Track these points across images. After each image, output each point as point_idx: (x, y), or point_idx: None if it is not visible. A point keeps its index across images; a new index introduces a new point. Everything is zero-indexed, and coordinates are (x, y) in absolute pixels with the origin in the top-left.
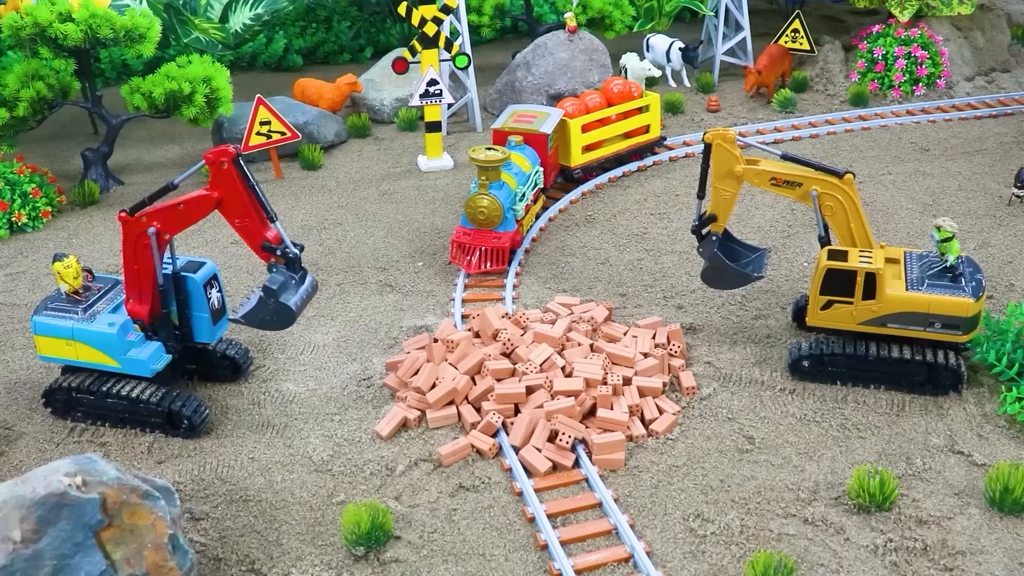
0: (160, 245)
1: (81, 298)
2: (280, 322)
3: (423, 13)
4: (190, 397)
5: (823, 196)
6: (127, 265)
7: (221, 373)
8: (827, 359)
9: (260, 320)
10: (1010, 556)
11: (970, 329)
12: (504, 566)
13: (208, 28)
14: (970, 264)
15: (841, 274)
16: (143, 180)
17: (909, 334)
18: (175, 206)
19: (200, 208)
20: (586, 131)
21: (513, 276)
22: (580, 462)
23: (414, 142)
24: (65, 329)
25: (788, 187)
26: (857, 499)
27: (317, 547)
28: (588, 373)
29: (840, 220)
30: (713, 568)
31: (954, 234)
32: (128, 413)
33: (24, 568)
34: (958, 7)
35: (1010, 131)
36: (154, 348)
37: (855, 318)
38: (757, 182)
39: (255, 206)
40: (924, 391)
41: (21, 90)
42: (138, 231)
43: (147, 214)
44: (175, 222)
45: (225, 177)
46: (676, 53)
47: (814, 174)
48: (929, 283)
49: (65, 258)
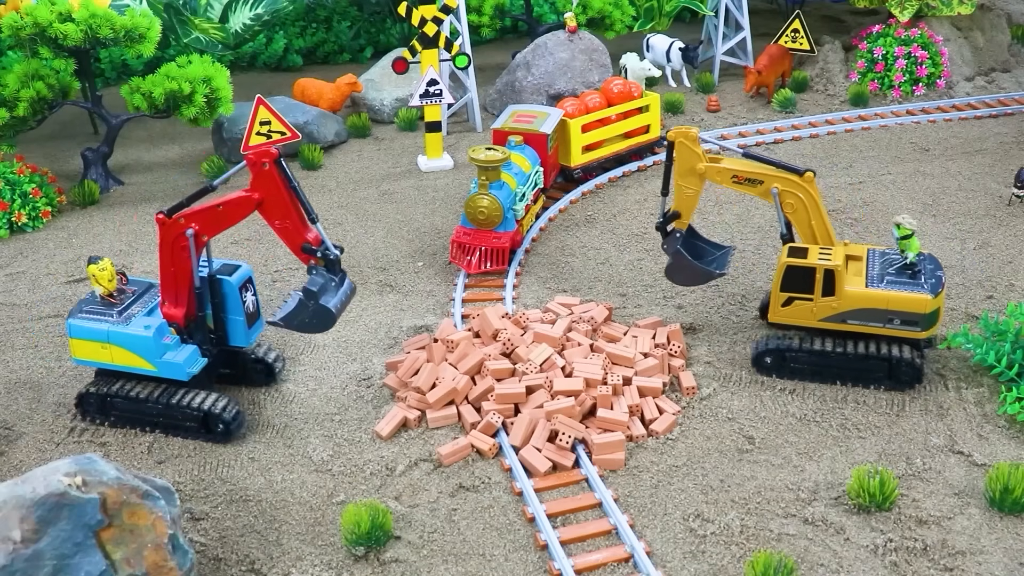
0: (198, 247)
1: (116, 301)
2: (320, 325)
3: (423, 13)
4: (230, 401)
5: (784, 194)
6: (164, 267)
7: (255, 377)
8: (789, 355)
9: (299, 323)
10: (1010, 556)
11: (929, 325)
12: (504, 566)
13: (208, 28)
14: (931, 261)
15: (801, 271)
16: (143, 180)
17: (869, 330)
18: (214, 208)
19: (240, 210)
20: (586, 131)
21: (513, 276)
22: (580, 462)
23: (414, 142)
24: (100, 332)
25: (749, 185)
26: (857, 499)
27: (317, 547)
28: (588, 373)
29: (801, 217)
30: (713, 568)
31: (913, 231)
32: (163, 417)
33: (24, 568)
34: (958, 7)
35: (1010, 131)
36: (190, 351)
37: (815, 315)
38: (719, 180)
39: (296, 207)
40: (885, 387)
41: (21, 90)
42: (176, 233)
43: (185, 215)
44: (214, 224)
45: (267, 178)
46: (676, 53)
47: (775, 172)
48: (889, 280)
49: (100, 260)
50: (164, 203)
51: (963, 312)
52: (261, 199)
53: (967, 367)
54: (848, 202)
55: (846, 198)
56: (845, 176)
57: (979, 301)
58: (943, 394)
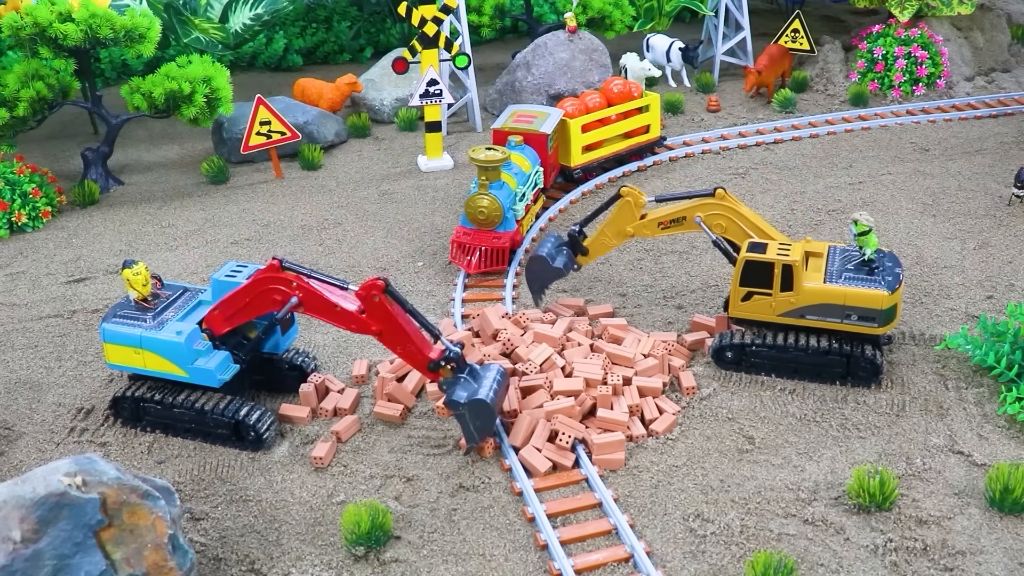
0: (286, 308)
1: (150, 306)
2: (488, 417)
3: (423, 13)
4: (263, 410)
5: (708, 218)
6: (240, 294)
7: (288, 383)
8: (749, 349)
9: (474, 431)
10: (1010, 556)
11: (886, 322)
12: (504, 566)
13: (208, 28)
14: (891, 258)
15: (759, 266)
16: (143, 180)
17: (827, 326)
18: (331, 304)
19: (349, 325)
20: (586, 131)
21: (513, 276)
22: (580, 462)
23: (414, 142)
24: (133, 337)
25: (676, 225)
26: (857, 499)
27: (317, 547)
28: (588, 373)
29: (735, 232)
30: (713, 568)
31: (871, 228)
32: (195, 424)
33: (24, 568)
34: (958, 7)
35: (1010, 131)
36: (222, 358)
37: (774, 309)
38: (648, 232)
39: (414, 330)
40: (844, 383)
41: (21, 90)
42: (277, 284)
43: (300, 284)
44: (317, 310)
45: (379, 310)
46: (676, 53)
47: (690, 203)
48: (847, 276)
49: (134, 264)
50: (164, 203)
51: (963, 312)
52: (380, 331)
53: (967, 367)
54: (848, 202)
55: (846, 198)
56: (845, 176)
57: (979, 301)
58: (943, 394)
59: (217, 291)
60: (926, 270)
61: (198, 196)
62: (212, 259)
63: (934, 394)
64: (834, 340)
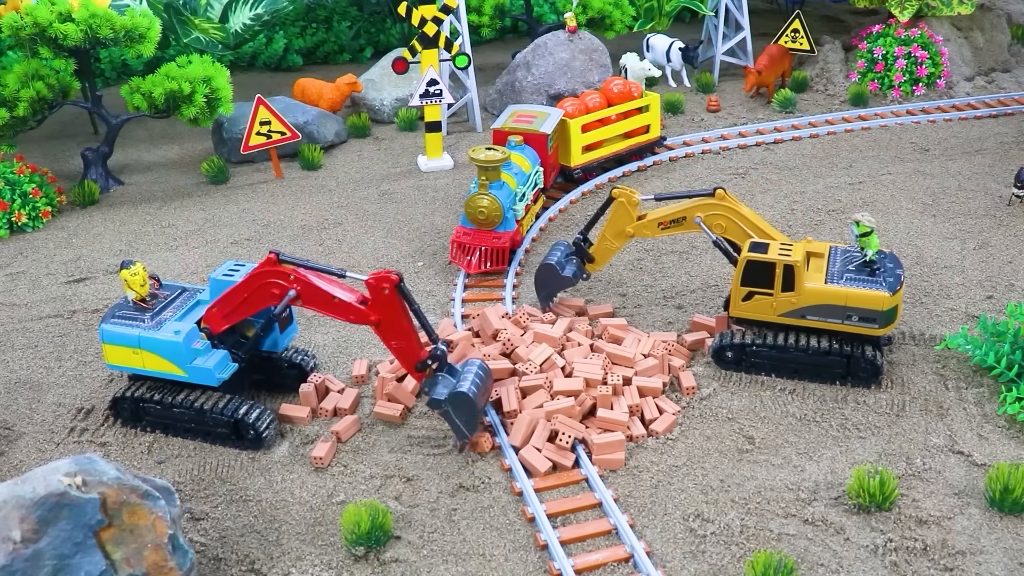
0: (284, 301)
1: (148, 306)
2: (471, 411)
3: (423, 13)
4: (263, 408)
5: (708, 219)
6: (238, 290)
7: (288, 382)
8: (749, 349)
9: (461, 425)
10: (1010, 556)
11: (887, 323)
12: (504, 566)
13: (208, 28)
14: (892, 259)
15: (761, 266)
16: (143, 180)
17: (828, 327)
18: (329, 296)
19: (347, 316)
20: (586, 131)
21: (513, 276)
22: (580, 462)
23: (414, 142)
24: (132, 337)
25: (676, 225)
26: (857, 499)
27: (317, 547)
28: (588, 373)
29: (735, 232)
30: (713, 568)
31: (872, 229)
32: (194, 423)
33: (24, 568)
34: (958, 7)
35: (1010, 131)
36: (220, 357)
37: (775, 310)
38: (648, 233)
39: (415, 330)
40: (844, 383)
41: (21, 90)
42: (275, 278)
43: (298, 276)
44: (315, 303)
45: (385, 303)
46: (676, 53)
47: (690, 203)
48: (848, 277)
49: (132, 265)
50: (164, 203)
51: (963, 312)
52: (378, 320)
53: (967, 367)
54: (848, 202)
55: (846, 198)
56: (845, 176)
57: (979, 301)
58: (943, 394)
59: (215, 290)
60: (926, 270)
61: (198, 196)
62: (212, 259)
63: (934, 394)
64: (834, 340)
